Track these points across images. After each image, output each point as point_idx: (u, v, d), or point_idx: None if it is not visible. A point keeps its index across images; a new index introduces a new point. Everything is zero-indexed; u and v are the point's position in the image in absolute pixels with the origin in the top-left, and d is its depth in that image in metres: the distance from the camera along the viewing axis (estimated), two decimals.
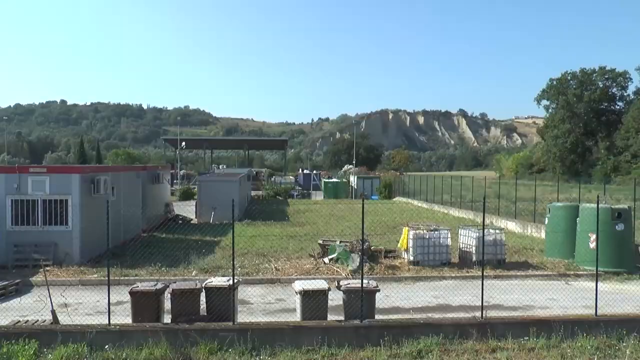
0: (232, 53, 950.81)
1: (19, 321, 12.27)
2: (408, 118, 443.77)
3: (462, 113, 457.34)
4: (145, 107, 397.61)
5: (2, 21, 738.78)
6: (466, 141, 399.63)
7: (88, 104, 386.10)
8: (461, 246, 19.70)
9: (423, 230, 19.23)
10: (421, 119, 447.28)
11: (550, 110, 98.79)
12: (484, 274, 12.38)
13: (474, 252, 18.70)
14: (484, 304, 11.87)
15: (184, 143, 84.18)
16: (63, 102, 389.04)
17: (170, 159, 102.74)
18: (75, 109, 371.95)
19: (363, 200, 12.50)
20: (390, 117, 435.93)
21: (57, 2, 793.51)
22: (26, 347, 10.47)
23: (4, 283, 15.95)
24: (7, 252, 18.95)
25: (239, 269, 16.56)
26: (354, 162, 78.98)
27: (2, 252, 19.01)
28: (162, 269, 18.03)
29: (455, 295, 14.91)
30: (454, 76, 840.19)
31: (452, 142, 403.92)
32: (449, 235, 19.21)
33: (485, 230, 17.23)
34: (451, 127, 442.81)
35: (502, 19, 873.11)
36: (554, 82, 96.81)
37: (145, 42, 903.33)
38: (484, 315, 11.61)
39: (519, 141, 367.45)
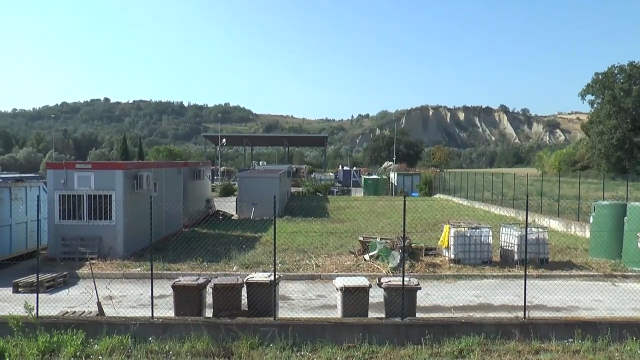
0: (272, 50, 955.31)
1: (67, 312, 12.64)
2: (448, 114, 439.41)
3: (504, 109, 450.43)
4: (186, 104, 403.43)
5: (51, 23, 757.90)
6: (507, 137, 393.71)
7: (130, 101, 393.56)
8: (503, 244, 19.42)
9: (464, 228, 19.03)
10: (462, 115, 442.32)
11: (595, 106, 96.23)
12: (527, 273, 12.20)
13: (515, 250, 18.42)
14: (527, 304, 11.68)
15: (224, 140, 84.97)
16: (107, 100, 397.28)
17: (210, 155, 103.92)
18: (118, 106, 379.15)
19: (405, 198, 12.45)
20: (431, 113, 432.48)
21: (102, 3, 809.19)
22: (74, 337, 10.80)
23: (53, 275, 16.46)
24: (55, 245, 19.52)
25: (279, 265, 16.66)
26: (394, 158, 78.48)
27: (51, 245, 19.62)
28: (204, 263, 18.29)
29: (496, 294, 14.72)
30: (496, 71, 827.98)
31: (493, 138, 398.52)
32: (491, 234, 18.97)
33: (528, 229, 16.96)
34: (492, 123, 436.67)
35: (545, 12, 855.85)
36: (600, 76, 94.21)
37: (185, 41, 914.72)
38: (526, 316, 11.44)
39: (562, 137, 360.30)
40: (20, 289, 15.57)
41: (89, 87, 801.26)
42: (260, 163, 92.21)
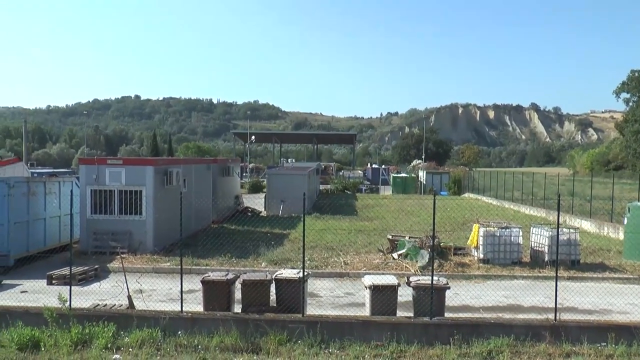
0: (300, 48, 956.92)
1: (98, 304, 12.88)
2: (478, 112, 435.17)
3: (534, 107, 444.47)
4: (215, 101, 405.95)
5: (83, 22, 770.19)
6: (538, 136, 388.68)
7: (160, 99, 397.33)
8: (533, 245, 19.18)
9: (494, 227, 18.85)
10: (491, 113, 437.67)
11: (630, 104, 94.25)
12: (558, 274, 12.03)
13: (546, 251, 18.18)
14: (557, 306, 11.53)
15: (253, 137, 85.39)
16: (137, 97, 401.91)
17: (239, 152, 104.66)
18: (148, 103, 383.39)
19: (434, 196, 12.39)
20: (460, 111, 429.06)
21: (130, 3, 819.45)
22: (105, 329, 11.01)
23: (85, 268, 16.78)
24: (87, 239, 19.87)
25: (307, 262, 16.69)
26: (422, 157, 77.93)
27: (83, 239, 19.96)
28: (232, 259, 18.44)
29: (526, 295, 14.54)
30: (526, 69, 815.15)
31: (523, 137, 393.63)
32: (521, 234, 18.73)
33: (559, 229, 16.74)
34: (522, 121, 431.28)
35: (578, 7, 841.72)
36: (636, 74, 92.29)
37: (214, 40, 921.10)
38: (557, 318, 11.29)
39: (595, 136, 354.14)
40: (54, 281, 15.92)
41: (119, 85, 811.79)
42: (289, 160, 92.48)
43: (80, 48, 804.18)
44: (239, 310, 11.86)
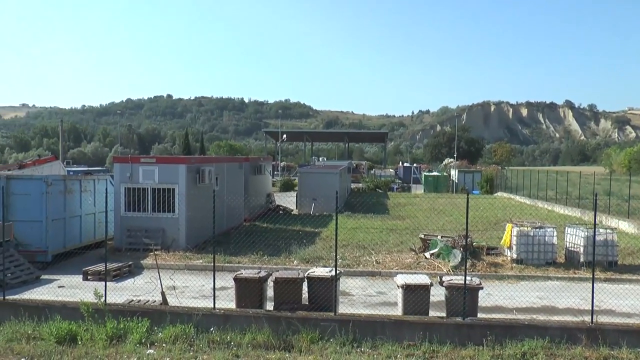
0: (331, 46, 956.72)
1: (132, 300, 13.10)
2: (511, 110, 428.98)
3: (569, 104, 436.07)
4: (246, 100, 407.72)
5: (116, 24, 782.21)
6: (572, 134, 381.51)
7: (192, 98, 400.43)
8: (568, 245, 18.85)
9: (527, 227, 18.59)
10: (524, 111, 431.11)
11: None
12: (594, 276, 11.81)
13: (582, 252, 17.85)
14: (594, 308, 11.28)
15: (285, 135, 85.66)
16: (169, 96, 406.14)
17: (271, 150, 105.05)
18: (180, 103, 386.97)
19: (468, 195, 12.28)
20: (492, 109, 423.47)
21: (164, 3, 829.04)
22: (139, 324, 11.20)
23: (119, 264, 17.06)
24: (121, 236, 20.18)
25: (339, 261, 16.71)
26: (454, 155, 77.29)
27: (117, 236, 20.28)
28: (264, 257, 18.53)
29: (561, 297, 14.25)
30: (561, 65, 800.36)
31: (557, 135, 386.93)
32: (555, 234, 18.44)
33: (596, 229, 16.41)
34: (556, 119, 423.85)
35: (613, 1, 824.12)
36: None
37: (245, 39, 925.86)
38: (594, 320, 11.07)
39: (633, 134, 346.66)
40: (89, 277, 16.22)
41: (152, 85, 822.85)
42: (320, 159, 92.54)
43: (114, 49, 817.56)
44: (271, 308, 11.92)
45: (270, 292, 12.31)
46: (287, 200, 37.09)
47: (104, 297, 12.03)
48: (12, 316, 12.10)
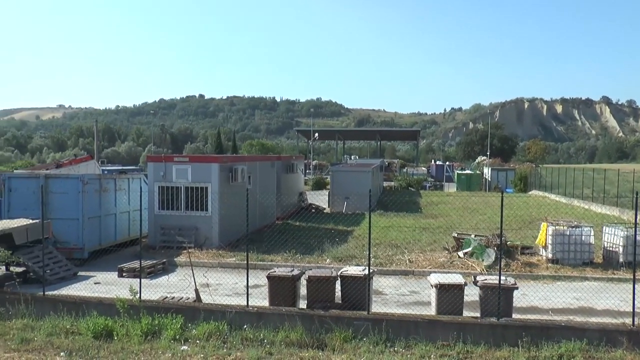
0: (362, 45, 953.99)
1: (167, 297, 13.29)
2: (545, 107, 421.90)
3: (606, 100, 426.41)
4: (278, 99, 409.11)
5: (148, 25, 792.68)
6: (610, 131, 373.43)
7: (224, 97, 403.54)
8: (606, 245, 18.45)
9: (563, 226, 18.27)
10: (559, 108, 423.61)
11: None
12: (635, 276, 11.51)
13: (621, 252, 17.44)
14: (636, 310, 10.96)
15: (316, 134, 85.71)
16: (201, 96, 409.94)
17: (302, 149, 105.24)
18: (213, 102, 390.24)
19: (502, 194, 12.15)
20: (526, 105, 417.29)
21: (194, 4, 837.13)
22: (174, 321, 11.33)
23: (153, 262, 17.31)
24: (155, 234, 20.46)
25: (372, 260, 16.62)
26: (487, 153, 76.39)
27: (150, 233, 20.56)
28: (297, 255, 18.58)
29: (599, 298, 13.93)
30: (597, 60, 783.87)
31: (594, 132, 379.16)
32: (592, 233, 18.08)
33: (637, 229, 16.00)
34: (592, 116, 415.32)
35: None
36: None
37: (277, 39, 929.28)
38: (636, 323, 10.78)
39: None
40: (124, 274, 16.50)
41: (184, 85, 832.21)
42: (352, 157, 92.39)
43: (147, 50, 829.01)
44: (304, 306, 11.96)
45: (303, 291, 12.34)
46: (319, 199, 37.09)
47: (139, 294, 12.21)
48: (51, 311, 12.39)
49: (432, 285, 11.76)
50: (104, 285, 15.28)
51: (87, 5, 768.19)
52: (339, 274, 12.06)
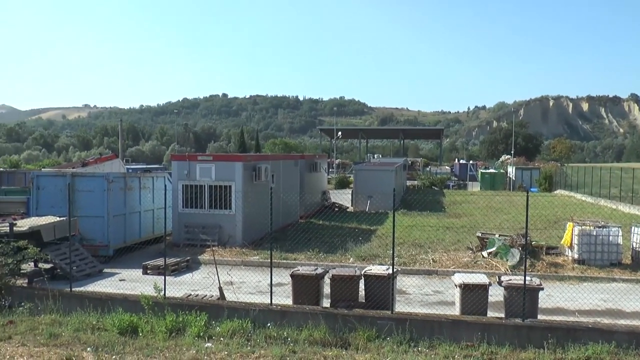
0: (387, 43, 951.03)
1: (190, 294, 13.40)
2: (570, 105, 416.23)
3: (634, 98, 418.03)
4: (301, 98, 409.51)
5: (172, 26, 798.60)
6: (638, 129, 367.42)
7: (247, 96, 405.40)
8: (635, 246, 18.11)
9: (589, 226, 18.00)
10: (585, 106, 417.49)
11: None
12: None
13: None
14: None
15: (340, 133, 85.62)
16: (224, 95, 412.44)
17: (325, 148, 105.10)
18: (236, 101, 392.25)
19: (527, 193, 12.03)
20: (551, 104, 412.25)
21: (216, 5, 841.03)
22: (198, 318, 11.41)
23: (177, 259, 17.47)
24: (178, 232, 20.63)
25: (396, 259, 16.58)
26: (511, 152, 75.62)
27: (175, 231, 20.72)
28: (320, 254, 18.58)
29: (627, 300, 13.70)
30: (625, 57, 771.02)
31: (621, 130, 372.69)
32: (620, 233, 17.77)
33: None
34: (620, 113, 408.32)
35: None
36: None
37: (299, 38, 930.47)
38: None
39: None
40: (148, 271, 16.69)
41: (207, 84, 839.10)
42: (375, 156, 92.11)
43: (170, 50, 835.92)
44: (328, 305, 11.96)
45: (326, 289, 12.34)
46: (343, 198, 37.02)
47: (163, 291, 12.32)
48: (78, 307, 12.60)
49: (456, 285, 11.69)
50: (129, 282, 15.47)
51: (112, 7, 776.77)
52: (362, 273, 12.05)
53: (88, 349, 10.25)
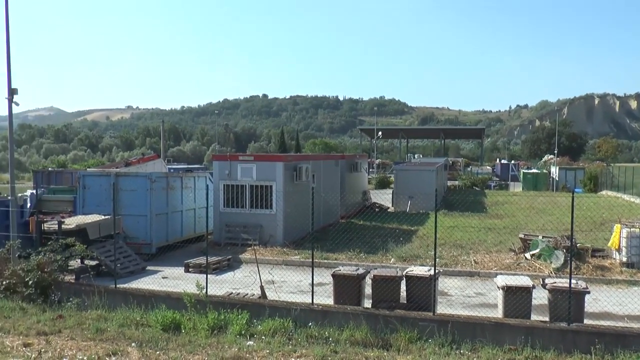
0: (425, 42, 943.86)
1: (232, 293, 13.55)
2: (617, 103, 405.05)
3: None
4: (341, 98, 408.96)
5: (214, 27, 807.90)
6: None
7: (287, 97, 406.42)
8: None
9: (639, 228, 17.51)
10: (634, 104, 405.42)
11: None
12: None
13: None
14: None
15: (380, 133, 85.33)
16: (265, 96, 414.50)
17: (365, 148, 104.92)
18: (276, 102, 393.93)
19: (573, 194, 11.78)
20: (597, 102, 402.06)
21: (257, 6, 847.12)
22: (239, 316, 11.52)
23: (219, 258, 17.68)
24: (220, 231, 20.83)
25: (437, 260, 16.45)
26: (555, 151, 74.19)
27: (216, 230, 20.93)
28: (361, 254, 18.54)
29: None
30: None
31: None
32: None
33: None
34: None
35: None
36: None
37: (340, 38, 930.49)
38: None
39: None
40: (190, 269, 16.93)
41: (248, 85, 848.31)
42: (416, 156, 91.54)
43: (211, 52, 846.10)
44: (369, 305, 11.92)
45: (367, 290, 12.30)
46: (383, 198, 36.86)
47: (205, 289, 12.47)
48: (122, 303, 12.88)
49: (498, 287, 11.51)
50: (171, 279, 15.70)
51: (154, 11, 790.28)
52: (404, 273, 11.98)
53: (133, 344, 10.44)
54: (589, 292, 11.23)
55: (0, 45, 15.80)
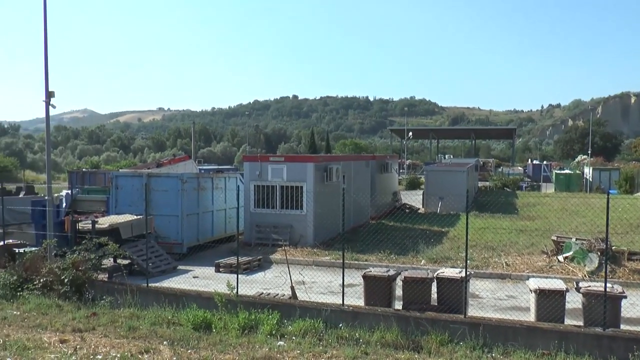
0: (455, 42, 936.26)
1: (262, 293, 13.61)
2: None
3: None
4: (371, 99, 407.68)
5: (243, 30, 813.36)
6: None
7: (317, 98, 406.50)
8: None
9: None
10: None
11: None
12: None
13: None
14: None
15: (410, 133, 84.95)
16: (295, 97, 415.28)
17: (396, 148, 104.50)
18: (306, 103, 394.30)
19: (608, 195, 11.56)
20: (633, 100, 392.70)
21: (284, 7, 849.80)
22: (270, 316, 11.57)
23: (249, 258, 17.77)
24: (250, 231, 20.96)
25: (468, 262, 16.31)
26: (588, 152, 72.96)
27: (246, 231, 21.07)
28: (391, 255, 18.47)
29: None
30: None
31: None
32: None
33: None
34: None
35: None
36: None
37: (369, 39, 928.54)
38: None
39: None
40: (221, 269, 17.07)
41: (278, 86, 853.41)
42: (446, 156, 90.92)
43: (241, 53, 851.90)
44: (400, 307, 11.87)
45: (398, 291, 12.25)
46: (413, 199, 36.61)
47: (236, 289, 12.56)
48: (154, 302, 13.07)
49: (530, 290, 11.36)
50: (202, 279, 15.84)
51: (185, 13, 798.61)
52: (435, 275, 11.90)
53: (164, 342, 10.55)
54: (625, 297, 10.99)
55: (38, 50, 16.14)
